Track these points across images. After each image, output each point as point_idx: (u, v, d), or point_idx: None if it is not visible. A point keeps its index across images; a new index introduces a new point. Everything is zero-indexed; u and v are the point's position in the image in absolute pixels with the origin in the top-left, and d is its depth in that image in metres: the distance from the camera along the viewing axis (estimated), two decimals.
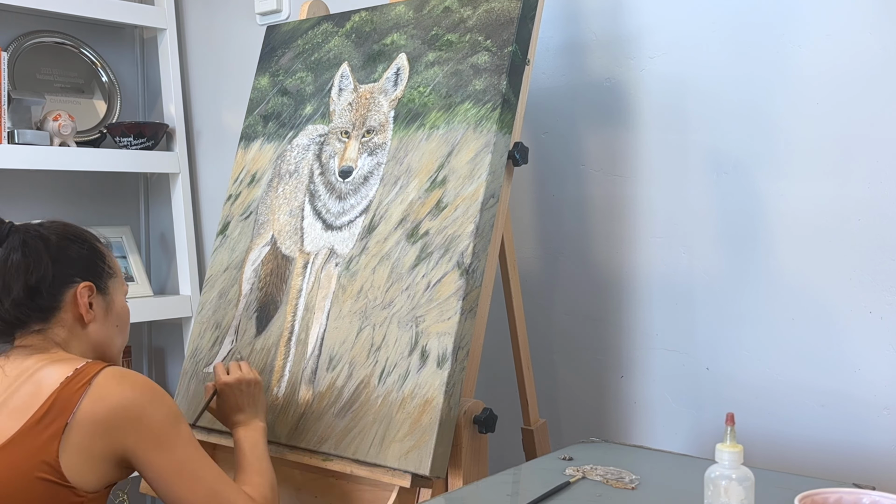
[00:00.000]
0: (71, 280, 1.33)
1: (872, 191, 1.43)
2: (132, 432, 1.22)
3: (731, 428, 0.96)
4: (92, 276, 1.36)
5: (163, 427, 1.24)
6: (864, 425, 1.45)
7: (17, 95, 2.26)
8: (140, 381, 1.26)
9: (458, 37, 1.56)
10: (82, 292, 1.34)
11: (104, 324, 1.38)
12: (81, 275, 1.35)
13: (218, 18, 2.48)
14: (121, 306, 1.41)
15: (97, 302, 1.36)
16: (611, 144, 1.73)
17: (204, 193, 2.53)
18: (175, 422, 1.26)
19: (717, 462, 0.95)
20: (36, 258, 1.30)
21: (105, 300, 1.38)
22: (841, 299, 1.47)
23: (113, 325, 1.40)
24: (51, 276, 1.31)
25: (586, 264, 1.77)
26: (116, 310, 1.40)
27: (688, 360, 1.64)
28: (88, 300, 1.35)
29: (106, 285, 1.38)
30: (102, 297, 1.37)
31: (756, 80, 1.55)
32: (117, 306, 1.40)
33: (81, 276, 1.35)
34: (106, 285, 1.38)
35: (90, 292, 1.35)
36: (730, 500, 0.94)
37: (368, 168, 1.58)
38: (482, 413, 1.39)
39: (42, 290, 1.31)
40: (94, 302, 1.36)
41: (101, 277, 1.37)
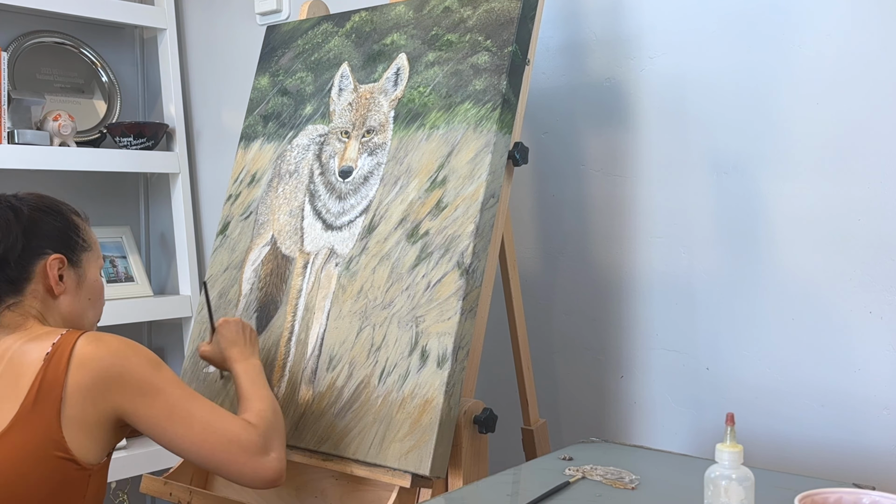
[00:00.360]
0: (42, 251, 1.33)
1: (873, 190, 1.43)
2: (117, 390, 1.23)
3: (731, 428, 0.95)
4: (64, 249, 1.36)
5: (144, 376, 1.25)
6: (865, 425, 1.45)
7: (17, 95, 2.26)
8: (115, 341, 1.27)
9: (458, 37, 1.56)
10: (52, 264, 1.34)
11: (76, 297, 1.38)
12: (53, 247, 1.35)
13: (218, 18, 2.48)
14: (93, 280, 1.41)
15: (68, 274, 1.36)
16: (611, 144, 1.73)
17: (204, 193, 2.53)
18: (155, 368, 1.27)
19: (717, 462, 0.95)
20: (5, 229, 1.31)
21: (77, 273, 1.38)
22: (841, 299, 1.47)
23: (85, 299, 1.40)
24: (20, 247, 1.31)
25: (586, 264, 1.77)
26: (89, 283, 1.40)
27: (688, 359, 1.64)
28: (59, 272, 1.34)
29: (79, 258, 1.38)
30: (74, 270, 1.37)
31: (756, 81, 1.55)
32: (90, 279, 1.40)
33: (53, 248, 1.34)
34: (79, 258, 1.38)
35: (60, 264, 1.35)
36: (730, 501, 0.94)
37: (368, 168, 1.58)
38: (482, 413, 1.39)
39: (10, 260, 1.31)
40: (66, 274, 1.36)
41: (73, 250, 1.37)
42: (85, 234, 1.41)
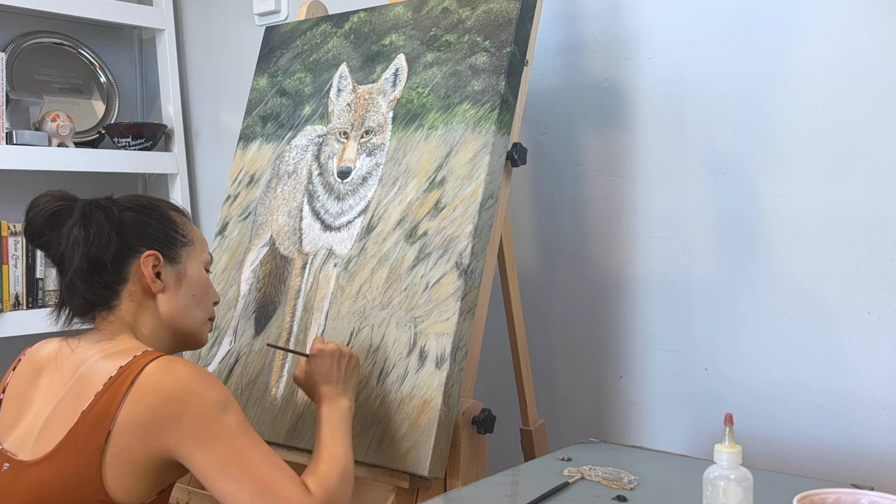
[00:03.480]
0: (135, 250, 1.28)
1: (871, 191, 1.44)
2: (172, 430, 1.13)
3: (730, 428, 0.96)
4: (159, 245, 1.30)
5: (204, 420, 1.14)
6: (863, 426, 1.45)
7: (16, 96, 2.26)
8: (185, 373, 1.17)
9: (456, 37, 1.56)
10: (146, 261, 1.28)
11: (176, 294, 1.31)
12: (147, 244, 1.29)
13: (216, 19, 2.48)
14: (196, 275, 1.34)
15: (166, 271, 1.30)
16: (609, 145, 1.73)
17: (202, 194, 2.53)
18: (219, 412, 1.16)
19: (716, 462, 0.95)
20: (97, 229, 1.25)
21: (176, 269, 1.31)
22: (839, 300, 1.47)
23: (188, 296, 1.32)
24: (113, 247, 1.26)
25: (585, 265, 1.77)
26: (191, 279, 1.33)
27: (686, 360, 1.64)
28: (155, 270, 1.29)
29: (177, 254, 1.32)
30: (172, 267, 1.31)
31: (754, 81, 1.55)
32: (191, 275, 1.33)
33: (147, 246, 1.29)
34: (177, 254, 1.32)
35: (156, 261, 1.29)
36: (728, 501, 0.94)
37: (367, 169, 1.58)
38: (481, 414, 1.39)
39: (105, 261, 1.25)
40: (163, 271, 1.30)
41: (171, 246, 1.31)
42: (185, 230, 1.35)
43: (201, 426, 1.14)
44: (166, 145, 2.52)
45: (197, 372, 1.18)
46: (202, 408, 1.15)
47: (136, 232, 1.29)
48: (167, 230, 1.32)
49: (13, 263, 2.14)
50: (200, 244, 1.37)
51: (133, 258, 1.28)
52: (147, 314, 1.30)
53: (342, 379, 1.35)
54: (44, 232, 1.28)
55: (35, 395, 1.25)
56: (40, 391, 1.25)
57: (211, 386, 1.17)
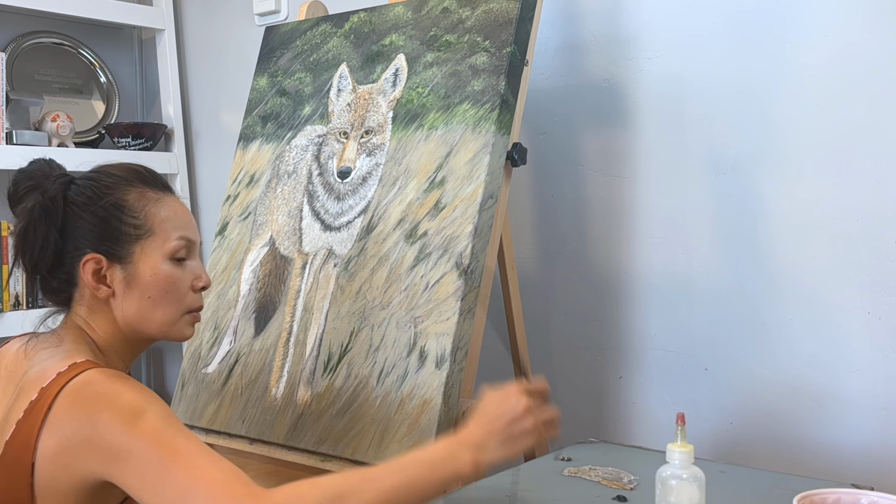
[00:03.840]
0: (80, 252, 1.13)
1: (871, 191, 1.44)
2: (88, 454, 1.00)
3: (682, 427, 0.97)
4: (102, 244, 1.13)
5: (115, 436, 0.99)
6: (863, 426, 1.45)
7: (16, 96, 2.26)
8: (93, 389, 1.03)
9: (456, 37, 1.56)
10: (85, 267, 1.13)
11: (128, 297, 1.15)
12: (90, 244, 1.13)
13: (216, 19, 2.47)
14: (151, 274, 1.15)
15: (112, 274, 1.14)
16: (609, 145, 1.73)
17: (202, 194, 2.53)
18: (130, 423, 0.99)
19: (668, 462, 0.96)
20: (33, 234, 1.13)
21: (125, 270, 1.14)
22: (839, 300, 1.47)
23: (142, 298, 1.15)
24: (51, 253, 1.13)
25: (585, 265, 1.77)
26: (143, 279, 1.14)
27: (686, 360, 1.64)
28: (97, 275, 1.14)
29: (126, 251, 1.14)
30: (120, 267, 1.14)
31: (755, 81, 1.55)
32: (144, 275, 1.14)
33: (89, 247, 1.13)
34: (126, 251, 1.14)
35: (97, 266, 1.13)
36: (680, 500, 0.94)
37: (367, 169, 1.58)
38: None
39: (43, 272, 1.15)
40: (109, 274, 1.14)
41: (116, 242, 1.14)
42: (137, 217, 1.15)
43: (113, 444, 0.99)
44: (166, 145, 2.52)
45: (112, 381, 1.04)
46: (112, 420, 0.99)
47: (77, 231, 1.14)
48: (113, 223, 1.14)
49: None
50: (164, 230, 1.17)
51: (77, 260, 1.14)
52: (101, 320, 1.16)
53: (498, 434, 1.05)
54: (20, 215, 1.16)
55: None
56: None
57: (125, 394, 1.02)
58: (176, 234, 1.18)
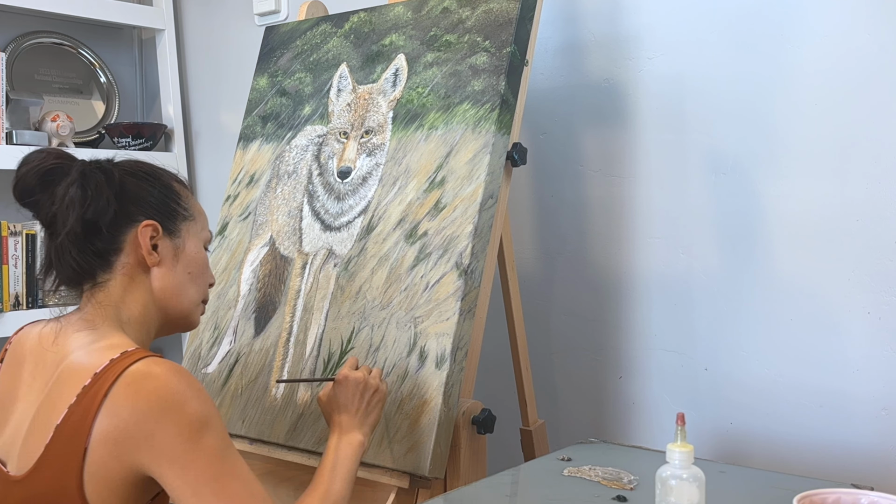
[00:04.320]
0: (133, 218, 1.19)
1: (870, 191, 1.44)
2: (145, 451, 1.05)
3: (682, 428, 0.96)
4: (159, 215, 1.21)
5: (179, 442, 1.05)
6: (863, 426, 1.45)
7: (16, 96, 2.26)
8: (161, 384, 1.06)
9: (456, 37, 1.56)
10: (144, 231, 1.18)
11: (171, 269, 1.22)
12: (146, 213, 1.20)
13: (216, 19, 2.47)
14: (194, 252, 1.25)
15: (164, 244, 1.21)
16: (609, 145, 1.73)
17: (202, 194, 2.53)
18: (196, 433, 1.05)
19: (668, 462, 0.96)
20: (95, 192, 1.16)
21: (174, 243, 1.22)
22: (839, 299, 1.47)
23: (183, 272, 1.23)
24: (111, 212, 1.16)
25: (585, 265, 1.77)
26: (188, 255, 1.24)
27: (686, 360, 1.64)
28: (152, 241, 1.19)
29: (177, 227, 1.23)
30: (170, 240, 1.22)
31: (754, 81, 1.55)
32: (189, 252, 1.24)
33: (146, 214, 1.19)
34: (177, 227, 1.23)
35: (154, 232, 1.19)
36: (680, 500, 0.94)
37: (367, 169, 1.58)
38: (481, 414, 1.39)
39: (101, 226, 1.16)
40: (160, 244, 1.20)
41: (171, 218, 1.22)
42: (186, 203, 1.26)
43: (176, 447, 1.05)
44: (166, 145, 2.52)
45: (177, 381, 1.07)
46: (178, 427, 1.05)
47: (135, 199, 1.20)
48: (168, 201, 1.23)
49: (13, 263, 2.14)
50: (202, 220, 1.28)
51: (130, 227, 1.19)
52: (138, 290, 1.20)
53: (361, 412, 1.28)
54: (35, 190, 1.18)
55: (19, 391, 1.19)
56: (24, 388, 1.18)
57: (192, 400, 1.06)
58: (208, 227, 1.30)
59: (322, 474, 1.22)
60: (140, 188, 1.21)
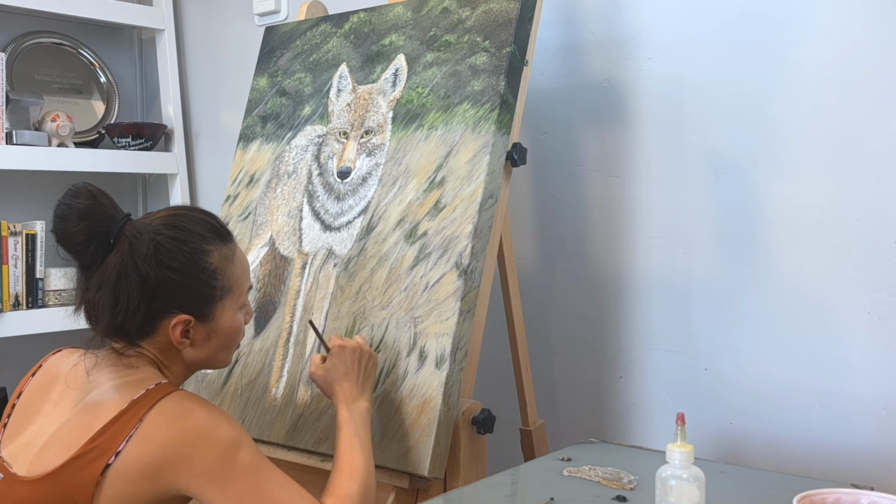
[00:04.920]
0: (166, 311, 1.20)
1: (870, 191, 1.44)
2: (183, 473, 1.10)
3: (682, 428, 0.97)
4: (193, 307, 1.21)
5: (217, 461, 1.11)
6: (863, 426, 1.45)
7: (16, 96, 2.26)
8: (194, 413, 1.13)
9: (456, 37, 1.56)
10: (176, 326, 1.20)
11: (204, 349, 1.25)
12: (181, 307, 1.20)
13: (216, 19, 2.48)
14: (229, 326, 1.25)
15: (197, 330, 1.23)
16: (609, 145, 1.73)
17: (202, 194, 2.53)
18: (232, 451, 1.12)
19: (668, 462, 0.96)
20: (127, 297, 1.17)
21: (208, 326, 1.24)
22: (839, 300, 1.47)
23: (215, 346, 1.26)
24: (141, 315, 1.18)
25: (585, 265, 1.77)
26: (222, 330, 1.25)
27: (686, 360, 1.64)
28: (184, 331, 1.21)
29: (211, 311, 1.23)
30: (204, 325, 1.23)
31: (754, 81, 1.55)
32: (224, 327, 1.25)
33: (180, 308, 1.20)
34: (211, 311, 1.23)
35: (185, 325, 1.21)
36: (680, 500, 0.94)
37: (367, 169, 1.58)
38: (480, 414, 1.39)
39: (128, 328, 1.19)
40: (193, 330, 1.22)
41: (206, 304, 1.22)
42: (221, 278, 1.23)
43: (215, 467, 1.11)
44: (166, 145, 2.52)
45: (208, 410, 1.14)
46: (215, 448, 1.11)
47: (170, 294, 1.19)
48: (204, 288, 1.22)
49: (13, 263, 2.14)
50: (238, 286, 1.27)
51: (163, 317, 1.20)
52: (172, 360, 1.24)
53: (362, 376, 1.32)
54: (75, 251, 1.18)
55: (43, 407, 1.21)
56: (49, 405, 1.21)
57: (223, 424, 1.13)
58: (246, 286, 1.30)
59: (342, 451, 1.25)
60: (174, 283, 1.19)
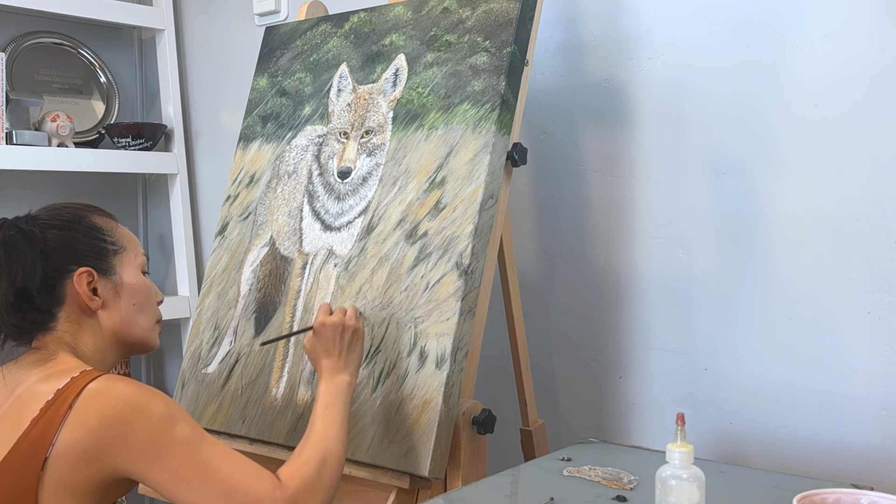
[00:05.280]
0: (65, 269, 1.21)
1: (870, 191, 1.44)
2: (120, 453, 1.09)
3: (682, 427, 0.97)
4: (90, 260, 1.23)
5: (152, 437, 1.10)
6: (863, 426, 1.45)
7: (16, 96, 2.26)
8: (125, 392, 1.12)
9: (456, 37, 1.56)
10: (79, 280, 1.21)
11: (116, 307, 1.25)
12: (77, 261, 1.22)
13: (216, 19, 2.47)
14: (135, 282, 1.28)
15: (102, 285, 1.24)
16: (609, 145, 1.73)
17: (202, 194, 2.53)
18: (167, 426, 1.11)
19: (668, 462, 0.96)
20: (18, 258, 1.18)
21: (112, 281, 1.26)
22: (839, 300, 1.47)
23: (129, 305, 1.27)
24: (39, 273, 1.19)
25: (585, 265, 1.77)
26: (129, 287, 1.27)
27: (686, 360, 1.64)
28: (89, 287, 1.23)
29: (110, 265, 1.26)
30: (108, 279, 1.25)
31: (754, 81, 1.55)
32: (129, 283, 1.27)
33: (77, 263, 1.22)
34: (110, 265, 1.26)
35: (90, 278, 1.23)
36: (680, 500, 0.94)
37: (367, 169, 1.58)
38: (481, 414, 1.39)
39: (32, 290, 1.19)
40: (99, 286, 1.24)
41: (102, 258, 1.25)
42: (113, 236, 1.28)
43: (151, 443, 1.09)
44: (166, 145, 2.52)
45: (138, 388, 1.13)
46: (149, 424, 1.10)
47: (62, 250, 1.22)
48: (95, 241, 1.25)
49: None
50: (133, 247, 1.31)
51: (65, 278, 1.21)
52: (88, 332, 1.24)
53: (343, 352, 1.32)
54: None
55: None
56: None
57: (154, 400, 1.12)
58: (140, 250, 1.33)
59: (314, 422, 1.25)
60: (64, 238, 1.23)
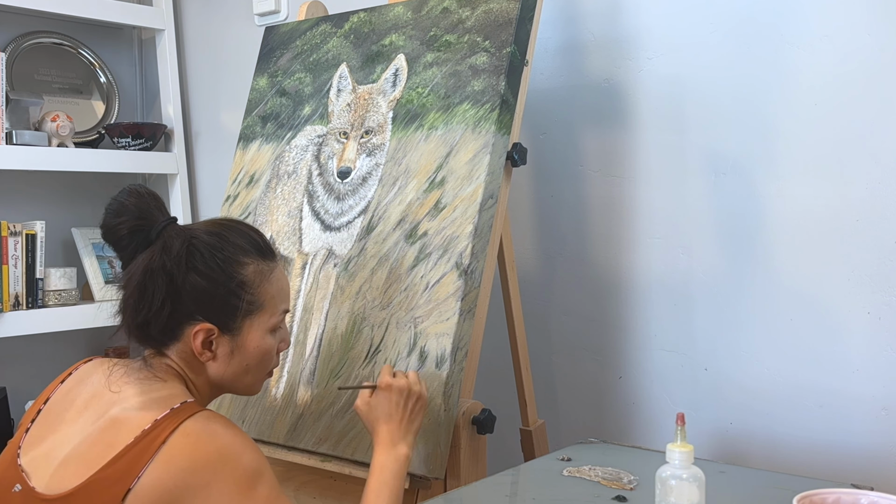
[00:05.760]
0: (191, 317, 1.17)
1: (870, 191, 1.44)
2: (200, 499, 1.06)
3: (682, 428, 0.97)
4: (218, 317, 1.18)
5: (235, 491, 1.08)
6: (863, 426, 1.45)
7: (16, 96, 2.26)
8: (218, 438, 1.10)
9: (456, 37, 1.56)
10: (196, 335, 1.17)
11: (226, 363, 1.21)
12: (204, 314, 1.18)
13: (216, 19, 2.48)
14: (255, 346, 1.22)
15: (220, 342, 1.20)
16: (609, 145, 1.73)
17: (202, 194, 2.53)
18: (251, 483, 1.09)
19: (668, 462, 0.96)
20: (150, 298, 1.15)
21: (233, 341, 1.20)
22: (839, 300, 1.47)
23: (240, 365, 1.22)
24: (165, 315, 1.16)
25: (585, 265, 1.77)
26: (248, 351, 1.21)
27: (686, 360, 1.64)
28: (206, 341, 1.19)
29: (237, 325, 1.20)
30: (230, 338, 1.20)
31: (754, 81, 1.55)
32: (251, 345, 1.21)
33: (204, 315, 1.18)
34: (237, 325, 1.20)
35: (209, 335, 1.18)
36: (680, 500, 0.94)
37: (367, 169, 1.58)
38: (481, 414, 1.39)
39: (152, 328, 1.17)
40: (217, 342, 1.19)
41: (231, 316, 1.19)
42: (253, 294, 1.20)
43: (232, 496, 1.07)
44: (166, 145, 2.52)
45: (233, 435, 1.11)
46: (234, 478, 1.08)
47: (196, 299, 1.17)
48: (232, 299, 1.19)
49: (13, 263, 2.14)
50: (272, 305, 1.23)
51: (187, 323, 1.18)
52: (196, 373, 1.22)
53: (405, 420, 1.26)
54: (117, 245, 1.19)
55: (65, 416, 1.19)
56: (72, 414, 1.18)
57: (246, 452, 1.10)
58: (281, 307, 1.25)
59: (368, 497, 1.22)
60: (203, 289, 1.17)
